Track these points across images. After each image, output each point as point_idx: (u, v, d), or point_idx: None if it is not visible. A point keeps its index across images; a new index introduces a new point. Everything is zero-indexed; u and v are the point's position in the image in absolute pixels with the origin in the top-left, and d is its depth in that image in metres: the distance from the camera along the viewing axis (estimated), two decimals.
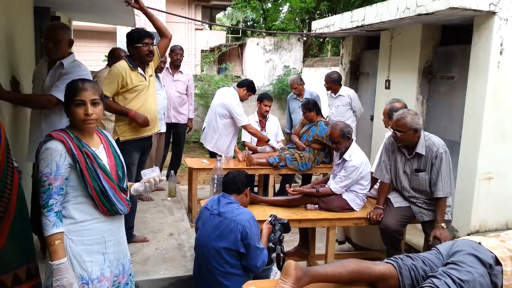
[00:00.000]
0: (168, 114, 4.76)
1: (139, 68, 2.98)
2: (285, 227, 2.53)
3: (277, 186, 4.99)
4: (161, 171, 4.98)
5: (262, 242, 2.39)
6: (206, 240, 2.32)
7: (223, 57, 10.78)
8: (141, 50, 2.95)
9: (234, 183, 2.47)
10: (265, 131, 4.70)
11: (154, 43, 3.09)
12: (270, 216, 2.55)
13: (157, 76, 4.27)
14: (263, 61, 9.44)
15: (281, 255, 2.42)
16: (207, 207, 2.42)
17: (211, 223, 2.33)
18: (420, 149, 2.85)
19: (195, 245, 2.43)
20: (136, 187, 2.02)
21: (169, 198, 4.34)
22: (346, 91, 4.84)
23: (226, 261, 2.26)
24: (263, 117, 4.77)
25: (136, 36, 2.96)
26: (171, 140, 5.09)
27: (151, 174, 2.01)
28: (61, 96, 2.29)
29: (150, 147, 3.15)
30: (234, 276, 2.27)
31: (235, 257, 2.27)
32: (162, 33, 3.17)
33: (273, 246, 2.41)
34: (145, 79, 3.01)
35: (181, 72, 4.88)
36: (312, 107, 4.25)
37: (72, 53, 2.65)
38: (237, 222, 2.27)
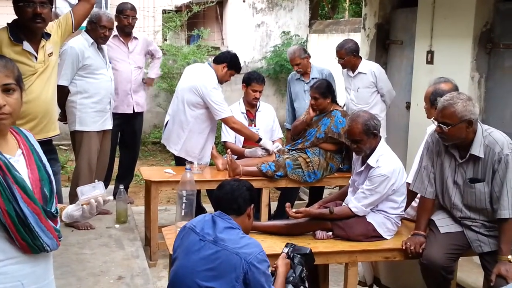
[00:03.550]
0: (127, 100, 4.78)
1: (25, 43, 2.91)
2: (307, 258, 2.55)
3: (274, 205, 5.01)
4: (106, 186, 4.95)
5: (278, 286, 2.39)
6: (188, 275, 2.30)
7: (194, 21, 10.74)
8: (23, 12, 2.89)
9: (232, 200, 2.46)
10: (255, 126, 4.72)
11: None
12: (286, 246, 2.56)
13: (99, 49, 4.27)
14: (252, 26, 9.43)
15: None
16: (194, 230, 2.42)
17: (201, 252, 2.33)
18: (477, 149, 2.88)
19: (170, 281, 2.43)
20: (70, 211, 2.00)
21: (117, 225, 4.33)
22: (368, 66, 4.87)
23: None
24: (251, 107, 4.78)
25: None
26: (118, 141, 5.08)
27: (92, 192, 1.99)
28: None
29: (54, 157, 3.05)
30: None
31: None
32: None
33: None
34: (36, 59, 2.95)
35: (136, 38, 4.91)
36: (327, 91, 4.27)
37: None
38: (241, 256, 2.26)
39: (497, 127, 3.07)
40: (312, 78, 4.94)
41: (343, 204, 3.35)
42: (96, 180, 2.14)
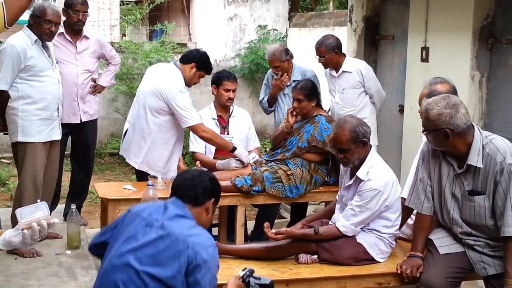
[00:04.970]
0: (72, 108, 4.74)
1: None
2: None
3: (251, 225, 4.99)
4: (55, 206, 4.90)
5: None
6: (125, 259, 2.29)
7: (157, 13, 10.72)
8: None
9: (190, 188, 2.48)
10: (228, 133, 4.71)
11: None
12: (242, 270, 2.55)
13: (44, 47, 4.22)
14: (224, 19, 9.44)
15: None
16: (140, 214, 2.42)
17: (145, 237, 2.32)
18: (474, 159, 2.90)
19: (101, 270, 2.37)
20: (8, 237, 1.99)
21: (68, 252, 4.28)
22: (354, 64, 4.90)
23: None
24: (225, 111, 4.77)
25: None
26: (70, 152, 5.01)
27: (34, 214, 2.00)
28: None
29: None
30: None
31: None
32: None
33: None
34: None
35: (86, 38, 4.86)
36: (312, 93, 4.29)
37: None
38: (188, 244, 2.27)
39: (501, 133, 3.12)
40: (294, 81, 4.93)
41: (330, 223, 3.35)
42: (38, 200, 2.11)
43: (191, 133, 4.57)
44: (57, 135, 4.35)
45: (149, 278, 2.24)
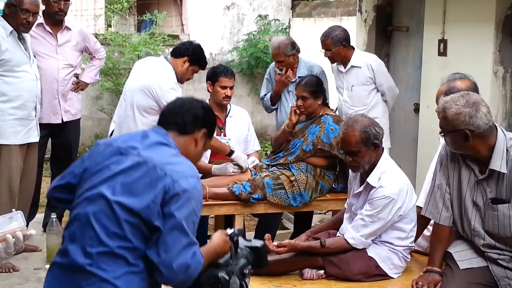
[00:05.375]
0: (52, 107, 4.75)
1: None
2: (257, 255, 2.51)
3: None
4: (33, 215, 4.89)
5: (203, 251, 2.32)
6: (97, 190, 2.28)
7: (146, 2, 10.74)
8: None
9: (178, 114, 2.46)
10: (224, 135, 4.70)
11: None
12: (231, 228, 2.55)
13: (20, 39, 4.23)
14: (220, 8, 9.46)
15: None
16: (112, 144, 2.40)
17: (119, 166, 2.30)
18: (498, 163, 2.88)
19: (73, 207, 2.36)
20: None
21: (48, 266, 4.24)
22: (363, 58, 4.89)
23: (123, 234, 2.20)
24: (221, 110, 4.76)
25: None
26: (50, 155, 5.01)
27: (8, 225, 2.03)
28: None
29: None
30: (121, 267, 2.19)
31: (141, 234, 2.22)
32: None
33: (226, 279, 2.36)
34: None
35: (68, 29, 4.88)
36: (318, 89, 4.29)
37: None
38: (166, 172, 2.25)
39: None
40: (299, 77, 4.92)
41: (338, 234, 3.34)
42: (14, 209, 2.10)
43: None
44: (34, 137, 4.36)
45: (121, 208, 2.22)
